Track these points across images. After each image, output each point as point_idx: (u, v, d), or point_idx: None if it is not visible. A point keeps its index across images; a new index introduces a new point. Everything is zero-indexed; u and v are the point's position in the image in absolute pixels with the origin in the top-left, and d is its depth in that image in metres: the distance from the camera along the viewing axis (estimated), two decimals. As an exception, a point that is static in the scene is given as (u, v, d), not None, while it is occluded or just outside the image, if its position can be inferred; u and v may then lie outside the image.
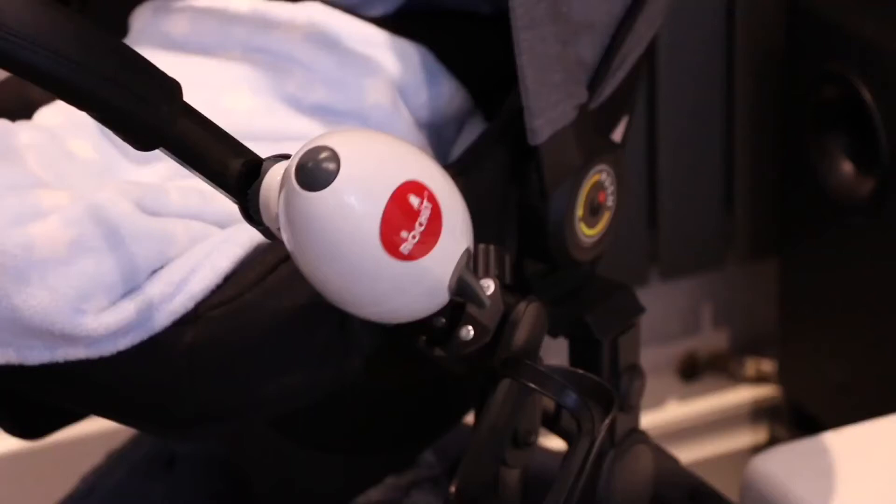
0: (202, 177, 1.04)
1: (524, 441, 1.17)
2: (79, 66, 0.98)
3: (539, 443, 1.19)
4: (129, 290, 1.12)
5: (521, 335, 1.11)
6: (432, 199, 1.01)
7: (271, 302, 1.12)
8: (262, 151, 1.05)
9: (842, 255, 1.93)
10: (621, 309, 1.32)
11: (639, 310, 1.32)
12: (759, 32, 1.98)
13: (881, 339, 1.89)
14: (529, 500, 1.17)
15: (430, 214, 1.01)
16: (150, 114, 1.01)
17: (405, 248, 1.00)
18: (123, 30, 1.36)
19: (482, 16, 1.35)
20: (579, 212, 1.23)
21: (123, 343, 1.12)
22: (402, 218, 0.99)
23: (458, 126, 1.30)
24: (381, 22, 1.31)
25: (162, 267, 1.13)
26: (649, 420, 1.37)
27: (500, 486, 1.16)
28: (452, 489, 1.11)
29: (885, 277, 1.86)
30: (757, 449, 2.11)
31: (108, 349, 1.12)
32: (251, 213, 1.04)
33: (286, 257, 1.06)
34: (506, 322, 1.11)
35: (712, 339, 2.16)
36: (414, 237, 1.00)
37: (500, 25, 1.18)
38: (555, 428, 1.21)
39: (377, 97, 1.26)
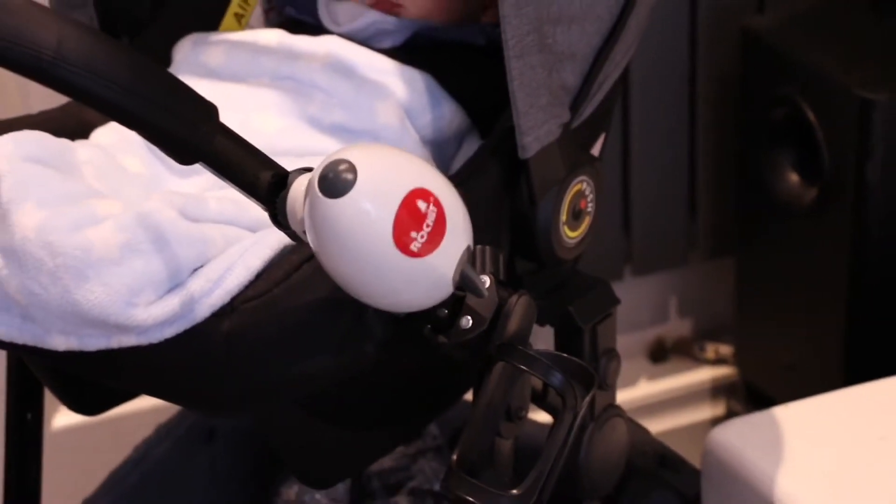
0: (236, 187, 1.04)
1: (516, 415, 1.16)
2: (128, 92, 0.98)
3: (529, 417, 1.19)
4: (174, 286, 1.11)
5: (513, 324, 1.11)
6: (437, 203, 1.01)
7: (297, 296, 1.12)
8: (288, 165, 1.05)
9: (789, 254, 1.93)
10: (600, 301, 1.31)
11: (614, 301, 1.32)
12: (718, 61, 1.98)
13: (822, 326, 1.88)
14: (521, 467, 1.16)
15: (436, 217, 1.01)
16: (190, 133, 1.01)
17: (414, 246, 1.00)
18: (167, 60, 1.36)
19: (478, 47, 1.35)
20: (563, 217, 1.22)
21: (169, 332, 1.11)
22: (412, 220, 0.99)
23: (458, 142, 1.30)
24: (390, 53, 1.31)
25: (202, 266, 1.13)
26: (623, 396, 1.37)
27: (495, 454, 1.15)
28: (454, 457, 1.10)
29: (826, 273, 1.86)
30: (716, 421, 2.11)
31: (155, 337, 1.11)
32: (279, 218, 1.04)
33: (310, 257, 1.06)
34: (500, 313, 1.11)
35: (677, 327, 2.16)
36: (422, 237, 1.00)
37: (493, 55, 1.18)
38: (542, 404, 1.20)
39: (387, 118, 1.26)
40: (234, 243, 1.14)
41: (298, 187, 1.02)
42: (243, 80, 1.31)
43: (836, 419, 1.50)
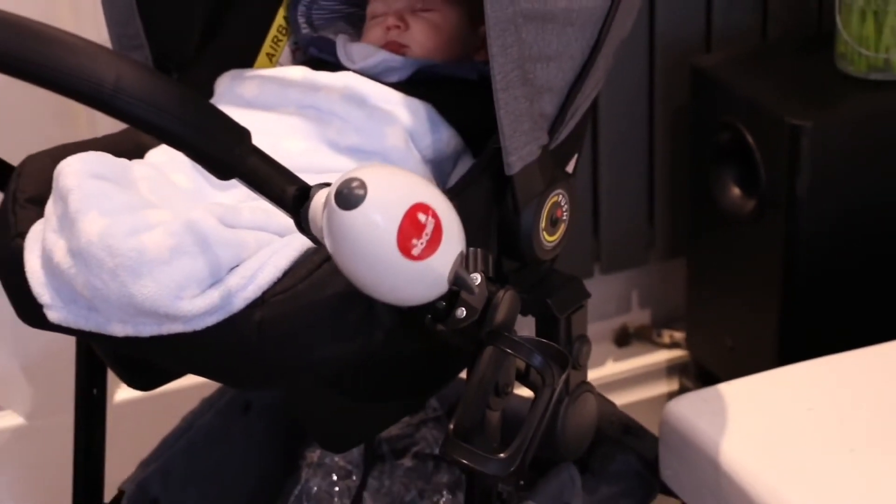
0: (266, 199, 1.04)
1: (503, 391, 1.16)
2: (176, 119, 0.97)
3: (514, 392, 1.19)
4: (214, 282, 1.11)
5: (500, 314, 1.11)
6: (435, 215, 1.00)
7: (318, 291, 1.11)
8: (310, 180, 1.04)
9: (731, 256, 1.93)
10: (573, 295, 1.31)
11: (586, 295, 1.31)
12: (671, 94, 1.98)
13: (759, 316, 1.88)
14: (507, 434, 1.15)
15: (434, 227, 1.00)
16: (227, 153, 1.00)
17: (416, 251, 0.99)
18: (210, 93, 1.36)
19: (471, 81, 1.34)
20: (542, 224, 1.22)
21: (210, 321, 1.11)
22: (413, 229, 0.99)
23: (454, 161, 1.30)
24: (397, 86, 1.30)
25: (238, 265, 1.12)
26: (593, 375, 1.36)
27: (485, 424, 1.15)
28: (451, 426, 1.10)
29: (762, 271, 1.86)
30: (671, 395, 2.10)
31: (199, 325, 1.11)
32: (302, 225, 1.04)
33: (328, 258, 1.05)
34: (489, 305, 1.10)
35: (638, 316, 2.15)
36: (422, 243, 1.00)
37: (483, 88, 1.18)
38: (525, 381, 1.20)
39: (394, 141, 1.25)
40: (264, 246, 1.14)
41: (318, 200, 1.02)
42: (273, 109, 1.30)
43: (771, 393, 1.50)
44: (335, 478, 1.60)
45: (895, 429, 1.43)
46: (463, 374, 1.25)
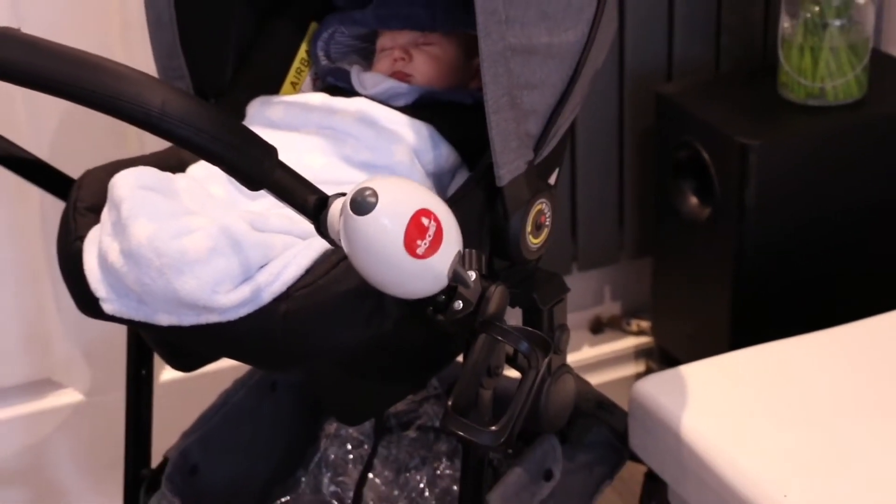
0: (291, 207, 1.03)
1: (494, 372, 1.15)
2: (213, 138, 0.97)
3: (503, 374, 1.18)
4: (246, 279, 1.11)
5: (492, 306, 1.10)
6: (436, 220, 1.00)
7: (335, 286, 1.11)
8: (328, 190, 1.04)
9: (690, 256, 1.92)
10: (555, 289, 1.30)
11: (565, 290, 1.31)
12: (639, 117, 1.97)
13: (713, 308, 1.88)
14: (498, 409, 1.15)
15: (435, 230, 1.00)
16: (257, 168, 1.00)
17: (419, 251, 0.99)
18: (242, 115, 1.35)
19: (466, 105, 1.34)
20: (528, 228, 1.21)
21: (242, 312, 1.11)
22: (418, 232, 0.98)
23: (452, 174, 1.29)
24: (403, 109, 1.30)
25: (266, 264, 1.12)
26: (571, 358, 1.37)
27: (479, 400, 1.14)
28: (449, 403, 1.10)
29: (717, 269, 1.85)
30: (638, 376, 2.10)
31: (232, 316, 1.11)
32: (322, 230, 1.03)
33: (344, 257, 1.05)
34: (483, 298, 1.10)
35: (610, 308, 2.14)
36: (425, 244, 0.99)
37: (477, 111, 1.17)
38: (513, 364, 1.19)
39: (401, 156, 1.25)
40: (289, 247, 1.14)
41: (335, 207, 1.01)
42: (296, 129, 1.30)
43: (724, 374, 1.50)
44: (349, 447, 1.60)
45: (825, 402, 1.43)
46: (460, 358, 1.25)
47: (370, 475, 1.57)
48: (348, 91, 1.36)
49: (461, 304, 1.08)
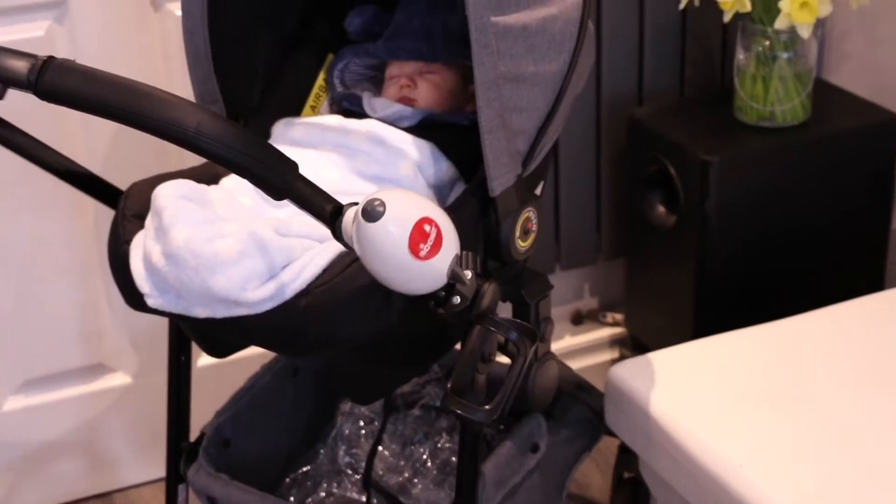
0: (310, 215, 1.03)
1: (487, 359, 1.15)
2: (242, 154, 0.96)
3: (496, 360, 1.18)
4: (271, 277, 1.10)
5: (486, 301, 1.10)
6: (437, 226, 1.00)
7: (349, 283, 1.10)
8: (343, 200, 1.03)
9: (659, 258, 1.92)
10: (541, 286, 1.30)
11: (550, 287, 1.31)
12: (614, 137, 1.97)
13: (679, 303, 1.87)
14: (491, 391, 1.15)
15: (436, 235, 1.00)
16: (281, 180, 0.99)
17: (422, 253, 0.99)
18: (267, 135, 1.35)
19: (463, 126, 1.33)
20: (517, 233, 1.21)
21: (268, 306, 1.10)
22: (420, 237, 0.98)
23: (451, 186, 1.29)
24: (408, 129, 1.30)
25: (288, 264, 1.11)
26: (555, 346, 1.36)
27: (474, 383, 1.14)
28: (449, 385, 1.10)
29: (682, 270, 1.85)
30: (613, 362, 2.09)
31: (259, 309, 1.10)
32: (337, 234, 1.03)
33: (356, 259, 1.04)
34: (478, 294, 1.10)
35: (589, 302, 2.14)
36: (427, 247, 0.99)
37: (472, 131, 1.17)
38: (504, 351, 1.19)
39: (406, 171, 1.25)
40: (309, 250, 1.13)
41: (349, 215, 1.01)
42: (315, 147, 1.30)
43: (688, 360, 1.49)
44: (362, 423, 1.59)
45: (778, 384, 1.42)
46: (457, 347, 1.25)
47: (380, 448, 1.56)
48: (360, 114, 1.36)
49: (459, 300, 1.08)
